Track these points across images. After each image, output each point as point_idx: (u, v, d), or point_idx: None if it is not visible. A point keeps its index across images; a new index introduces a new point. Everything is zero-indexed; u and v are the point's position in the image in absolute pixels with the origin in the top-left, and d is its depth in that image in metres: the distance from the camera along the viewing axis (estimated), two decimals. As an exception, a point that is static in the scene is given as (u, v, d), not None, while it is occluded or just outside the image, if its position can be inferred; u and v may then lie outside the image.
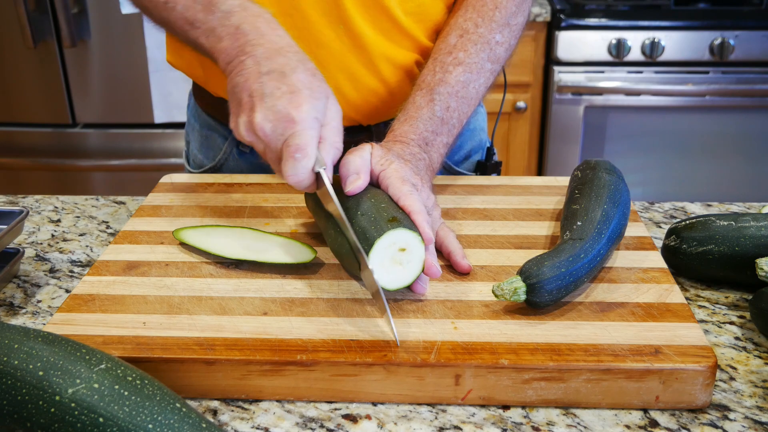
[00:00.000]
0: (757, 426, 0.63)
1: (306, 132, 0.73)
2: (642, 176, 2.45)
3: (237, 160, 1.11)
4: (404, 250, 0.71)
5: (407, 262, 0.71)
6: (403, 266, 0.71)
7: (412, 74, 1.03)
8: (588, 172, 0.86)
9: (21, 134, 2.41)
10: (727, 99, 2.35)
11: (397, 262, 0.71)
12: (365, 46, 0.99)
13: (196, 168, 1.16)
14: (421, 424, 0.64)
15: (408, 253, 0.71)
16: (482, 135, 1.18)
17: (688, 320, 0.69)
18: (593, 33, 2.30)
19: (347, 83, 1.01)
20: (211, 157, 1.13)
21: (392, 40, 1.00)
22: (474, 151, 1.16)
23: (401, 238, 0.71)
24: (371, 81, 1.01)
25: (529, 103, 2.43)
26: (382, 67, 1.01)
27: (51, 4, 2.23)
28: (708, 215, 0.83)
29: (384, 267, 0.70)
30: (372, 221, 0.72)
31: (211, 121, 1.12)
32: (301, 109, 0.73)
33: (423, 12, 1.01)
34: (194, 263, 0.81)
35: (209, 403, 0.67)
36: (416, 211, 0.74)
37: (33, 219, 1.02)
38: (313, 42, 0.98)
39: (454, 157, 1.13)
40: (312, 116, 0.74)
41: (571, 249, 0.73)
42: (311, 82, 0.76)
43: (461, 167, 1.14)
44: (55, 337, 0.59)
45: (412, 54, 1.02)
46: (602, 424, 0.64)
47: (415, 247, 0.71)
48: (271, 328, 0.69)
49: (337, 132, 0.77)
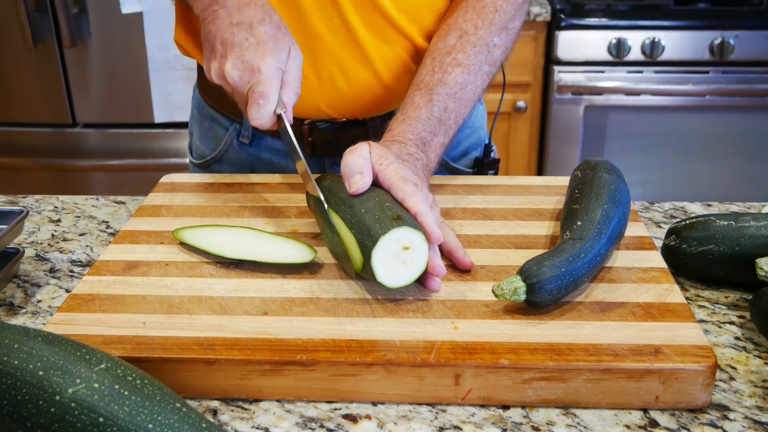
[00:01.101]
0: (756, 426, 0.63)
1: (268, 81, 0.82)
2: (642, 176, 2.45)
3: (237, 151, 1.12)
4: (408, 248, 0.71)
5: (410, 261, 0.71)
6: (406, 265, 0.71)
7: (408, 69, 1.03)
8: (588, 171, 0.86)
9: (21, 134, 2.41)
10: (727, 99, 2.35)
11: (400, 261, 0.71)
12: (359, 40, 0.99)
13: (198, 158, 1.18)
14: (421, 424, 0.64)
15: (411, 252, 0.71)
16: (481, 132, 1.18)
17: (688, 320, 0.69)
18: (593, 33, 2.30)
19: (340, 77, 1.01)
20: (212, 147, 1.15)
21: (386, 36, 1.00)
22: (472, 147, 1.16)
23: (405, 237, 0.71)
24: (364, 76, 1.01)
25: (529, 103, 2.43)
26: (376, 62, 1.01)
27: (51, 4, 2.23)
28: (708, 215, 0.83)
29: (387, 265, 0.71)
30: (376, 219, 0.73)
31: (213, 113, 1.13)
32: (266, 60, 0.82)
33: (416, 10, 1.01)
34: (194, 263, 0.81)
35: (209, 403, 0.67)
36: (422, 212, 0.75)
37: (33, 219, 1.02)
38: (307, 34, 0.98)
39: (452, 153, 1.13)
40: (275, 67, 0.83)
41: (571, 249, 0.73)
42: (275, 35, 0.85)
43: (459, 164, 1.15)
44: (55, 337, 0.59)
45: (406, 51, 1.02)
46: (602, 424, 0.64)
47: (419, 246, 0.71)
48: (271, 328, 0.69)
49: (296, 78, 0.86)
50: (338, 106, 1.04)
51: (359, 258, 0.73)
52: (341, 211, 0.77)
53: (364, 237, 0.72)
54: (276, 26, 0.85)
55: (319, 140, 1.07)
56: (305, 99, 1.02)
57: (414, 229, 0.71)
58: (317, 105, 1.04)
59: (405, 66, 1.03)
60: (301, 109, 1.03)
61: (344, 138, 1.06)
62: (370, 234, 0.71)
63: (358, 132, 1.07)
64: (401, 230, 0.71)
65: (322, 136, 1.07)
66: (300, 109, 1.03)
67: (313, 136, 1.07)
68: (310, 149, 1.08)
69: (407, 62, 1.03)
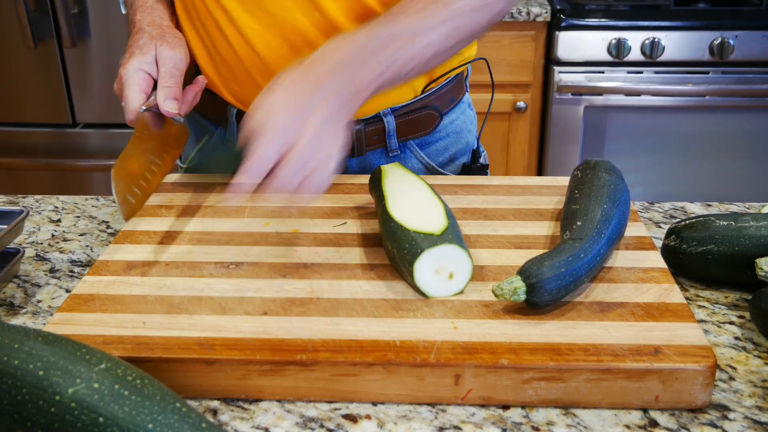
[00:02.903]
0: (756, 426, 0.63)
1: (127, 82, 0.89)
2: (642, 176, 2.45)
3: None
4: (452, 276, 0.74)
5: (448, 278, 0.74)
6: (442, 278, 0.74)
7: None
8: (588, 172, 0.86)
9: (21, 134, 2.41)
10: (727, 99, 2.35)
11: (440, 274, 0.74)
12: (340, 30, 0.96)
13: (184, 161, 1.17)
14: (421, 424, 0.64)
15: (453, 273, 0.74)
16: (469, 137, 1.15)
17: (687, 320, 0.69)
18: (593, 33, 2.30)
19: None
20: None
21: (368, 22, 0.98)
22: (460, 153, 1.14)
23: (454, 257, 0.74)
24: None
25: (529, 103, 2.43)
26: None
27: (51, 4, 2.23)
28: (708, 215, 0.83)
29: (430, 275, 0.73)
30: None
31: (197, 117, 1.13)
32: (127, 65, 0.90)
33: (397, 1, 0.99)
34: (194, 263, 0.81)
35: (209, 403, 0.67)
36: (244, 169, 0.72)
37: (33, 219, 1.02)
38: (288, 28, 0.96)
39: (438, 158, 1.11)
40: (134, 67, 0.90)
41: (571, 249, 0.73)
42: (144, 43, 0.93)
43: (446, 170, 1.12)
44: (55, 337, 0.59)
45: None
46: (602, 424, 0.64)
47: (463, 271, 0.74)
48: (271, 328, 0.69)
49: (164, 74, 0.91)
50: None
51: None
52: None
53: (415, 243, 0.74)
54: (150, 37, 0.94)
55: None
56: None
57: (467, 254, 0.74)
58: None
59: None
60: None
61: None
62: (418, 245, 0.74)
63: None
64: (457, 250, 0.73)
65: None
66: None
67: None
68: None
69: None
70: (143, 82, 0.90)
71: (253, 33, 0.97)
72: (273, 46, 0.97)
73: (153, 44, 0.92)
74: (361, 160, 1.08)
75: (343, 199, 0.95)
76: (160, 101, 0.89)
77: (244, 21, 0.97)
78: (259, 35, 0.97)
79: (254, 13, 0.96)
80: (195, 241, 0.86)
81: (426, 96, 1.07)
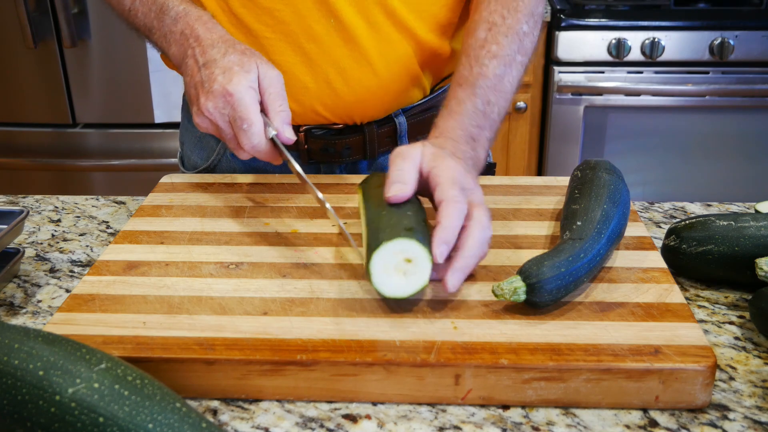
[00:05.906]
0: (756, 426, 0.63)
1: (243, 101, 0.81)
2: (642, 176, 2.45)
3: (230, 161, 1.11)
4: (410, 261, 0.70)
5: (411, 274, 0.70)
6: (407, 278, 0.70)
7: (409, 70, 1.02)
8: (588, 172, 0.86)
9: (21, 134, 2.41)
10: (727, 99, 2.35)
11: (400, 271, 0.70)
12: (356, 39, 0.98)
13: (191, 169, 1.16)
14: (421, 424, 0.64)
15: (413, 266, 0.70)
16: None
17: (687, 320, 0.69)
18: (593, 33, 2.30)
19: (338, 78, 1.00)
20: (204, 157, 1.13)
21: (387, 33, 0.99)
22: None
23: (410, 249, 0.70)
24: (363, 76, 1.00)
25: (529, 103, 2.43)
26: (375, 61, 1.00)
27: (51, 4, 2.23)
28: (708, 215, 0.83)
29: (387, 272, 0.70)
30: (389, 224, 0.72)
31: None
32: (233, 82, 0.81)
33: (424, 4, 1.00)
34: (194, 263, 0.81)
35: (209, 403, 0.67)
36: (445, 226, 0.71)
37: (33, 219, 1.02)
38: (303, 36, 0.97)
39: None
40: (245, 86, 0.81)
41: (571, 249, 0.73)
42: (240, 60, 0.84)
43: None
44: (55, 337, 0.59)
45: (409, 48, 1.01)
46: (602, 424, 0.64)
47: (422, 262, 0.70)
48: (271, 328, 0.69)
49: (277, 97, 0.84)
50: (335, 108, 1.03)
51: (365, 258, 0.73)
52: (369, 209, 0.77)
53: (372, 239, 0.72)
54: (241, 53, 0.85)
55: (315, 147, 1.06)
56: (302, 102, 1.01)
57: (420, 244, 0.70)
58: (314, 108, 1.02)
59: (405, 64, 1.02)
60: (296, 113, 1.00)
61: (341, 144, 1.06)
62: (377, 237, 0.71)
63: (355, 138, 1.06)
64: (407, 242, 0.70)
65: (318, 143, 1.06)
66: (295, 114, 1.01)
67: (308, 143, 1.06)
68: (306, 157, 1.07)
69: (409, 60, 1.02)
70: (257, 104, 0.83)
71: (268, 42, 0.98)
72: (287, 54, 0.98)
73: (253, 62, 0.84)
74: (372, 162, 1.08)
75: (343, 199, 0.95)
76: (279, 127, 0.83)
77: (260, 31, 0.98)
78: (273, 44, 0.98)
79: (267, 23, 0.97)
80: (195, 241, 0.86)
81: (435, 95, 1.08)
